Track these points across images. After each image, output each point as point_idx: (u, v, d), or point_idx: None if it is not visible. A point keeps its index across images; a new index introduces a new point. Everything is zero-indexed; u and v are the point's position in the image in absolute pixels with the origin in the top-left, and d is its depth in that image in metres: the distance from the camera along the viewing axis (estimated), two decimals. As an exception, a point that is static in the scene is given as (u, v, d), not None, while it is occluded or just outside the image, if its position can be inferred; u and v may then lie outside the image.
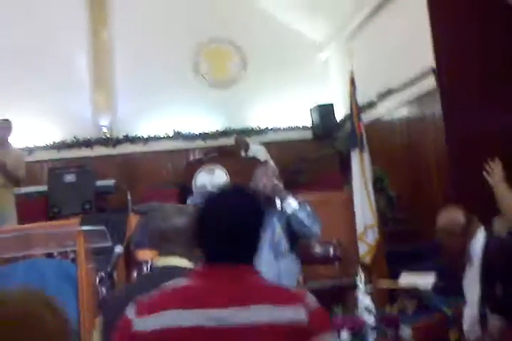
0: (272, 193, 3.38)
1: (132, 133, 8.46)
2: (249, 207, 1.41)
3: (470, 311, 2.75)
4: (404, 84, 6.18)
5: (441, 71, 5.37)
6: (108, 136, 8.39)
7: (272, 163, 7.94)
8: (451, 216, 2.81)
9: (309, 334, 1.24)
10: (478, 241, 2.64)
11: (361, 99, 7.07)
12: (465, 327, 2.80)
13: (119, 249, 2.96)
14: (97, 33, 8.52)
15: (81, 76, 8.35)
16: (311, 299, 1.33)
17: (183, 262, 1.82)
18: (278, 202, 3.45)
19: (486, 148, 4.91)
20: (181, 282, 1.36)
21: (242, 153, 7.85)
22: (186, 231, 1.78)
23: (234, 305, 1.25)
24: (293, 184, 7.81)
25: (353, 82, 5.35)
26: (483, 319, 2.57)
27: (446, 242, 2.85)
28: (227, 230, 1.35)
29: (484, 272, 2.44)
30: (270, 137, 8.56)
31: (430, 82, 5.57)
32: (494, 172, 2.46)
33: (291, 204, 3.38)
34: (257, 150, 7.92)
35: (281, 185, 3.44)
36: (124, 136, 8.40)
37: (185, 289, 1.33)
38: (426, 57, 5.53)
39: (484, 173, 2.50)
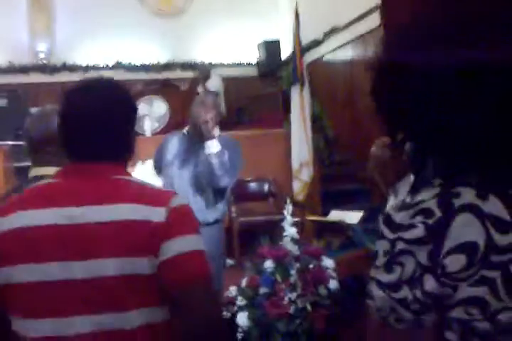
0: (205, 132, 3.12)
1: (71, 61, 8.11)
2: (112, 98, 1.31)
3: None
4: (349, 23, 6.08)
5: (386, 9, 5.28)
6: (45, 62, 8.01)
7: (222, 98, 7.85)
8: (385, 144, 2.80)
9: (165, 234, 1.19)
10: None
11: (307, 38, 6.96)
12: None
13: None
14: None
15: (17, -2, 7.87)
16: (178, 201, 1.25)
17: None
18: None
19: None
20: (41, 183, 1.32)
21: (200, 85, 7.71)
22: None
23: (88, 203, 1.21)
24: (236, 121, 7.80)
25: (297, 17, 5.21)
26: None
27: (378, 172, 2.84)
28: (87, 123, 1.27)
29: None
30: (215, 72, 8.36)
31: (374, 21, 5.49)
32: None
33: (211, 147, 3.11)
34: (216, 82, 7.80)
35: (213, 124, 3.14)
36: (63, 64, 8.05)
37: (43, 189, 1.30)
38: (372, -6, 5.43)
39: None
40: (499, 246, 0.72)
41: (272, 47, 8.21)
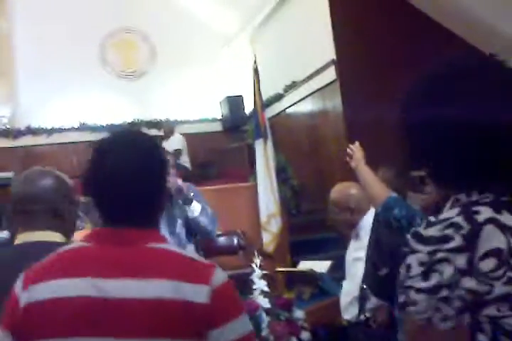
0: (176, 195, 3.14)
1: (35, 125, 8.13)
2: (151, 156, 1.23)
3: (348, 288, 2.81)
4: (307, 77, 6.30)
5: (341, 63, 5.52)
6: (8, 127, 8.02)
7: (185, 154, 7.93)
8: (342, 189, 2.86)
9: (211, 319, 1.11)
10: (370, 216, 2.62)
11: (269, 92, 7.18)
12: (341, 304, 2.86)
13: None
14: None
15: (-21, 65, 7.96)
16: (221, 278, 1.16)
17: (51, 236, 1.56)
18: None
19: (384, 138, 5.11)
20: (71, 247, 1.23)
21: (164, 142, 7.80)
22: (52, 195, 1.59)
23: (124, 275, 1.12)
24: (202, 176, 7.85)
25: (256, 73, 5.39)
26: (362, 298, 2.60)
27: (335, 216, 2.90)
28: (126, 183, 1.18)
29: (371, 250, 2.44)
30: (180, 129, 8.47)
31: (331, 74, 5.71)
32: (355, 155, 2.38)
33: (194, 210, 3.16)
34: (179, 140, 7.89)
35: (184, 187, 3.17)
36: (26, 128, 8.06)
37: (74, 255, 1.20)
38: (327, 49, 5.67)
39: (347, 158, 2.42)
40: None
41: (235, 103, 8.40)
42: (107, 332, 1.11)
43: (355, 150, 2.37)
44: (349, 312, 2.76)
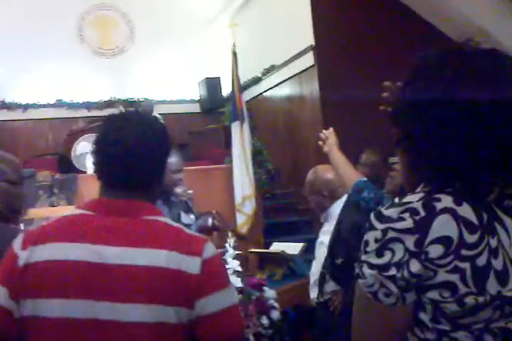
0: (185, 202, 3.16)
1: (10, 99, 8.02)
2: (152, 132, 1.30)
3: (314, 269, 2.90)
4: (286, 61, 6.34)
5: (319, 48, 5.58)
6: (-17, 101, 7.90)
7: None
8: (319, 173, 2.93)
9: (201, 288, 1.18)
10: (340, 203, 2.67)
11: (248, 75, 7.20)
12: (310, 283, 2.96)
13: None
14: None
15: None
16: (211, 251, 1.23)
17: None
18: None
19: (359, 124, 5.21)
20: (73, 214, 1.29)
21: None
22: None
23: (123, 244, 1.19)
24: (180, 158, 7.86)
25: (234, 56, 5.41)
26: (321, 282, 2.70)
27: (308, 196, 2.97)
28: (126, 155, 1.25)
29: (334, 236, 2.53)
30: (157, 109, 8.44)
31: (309, 60, 5.76)
32: (328, 140, 2.39)
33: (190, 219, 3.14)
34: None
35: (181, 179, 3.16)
36: (1, 102, 7.94)
37: (76, 221, 1.26)
38: (306, 34, 5.72)
39: (319, 142, 2.48)
40: (468, 243, 0.90)
41: (213, 84, 8.40)
42: (103, 296, 1.17)
43: (329, 135, 2.43)
44: (313, 292, 2.86)
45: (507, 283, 0.92)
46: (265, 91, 7.15)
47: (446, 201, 0.92)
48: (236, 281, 3.29)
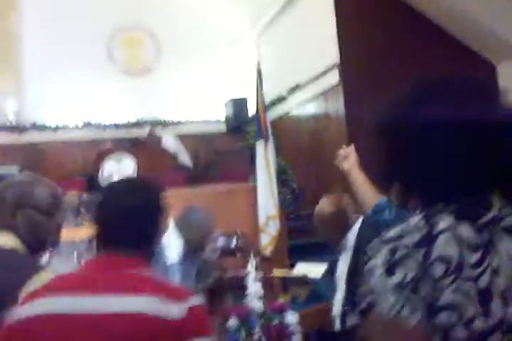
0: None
1: (41, 121, 8.17)
2: (150, 200, 1.42)
3: (337, 299, 2.80)
4: (311, 80, 6.31)
5: (344, 67, 5.54)
6: (14, 122, 8.06)
7: (185, 155, 7.93)
8: (325, 203, 2.86)
9: (181, 333, 1.19)
10: (354, 232, 2.62)
11: (273, 94, 7.19)
12: (333, 311, 2.87)
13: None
14: (5, 16, 8.16)
15: (-14, 60, 8.00)
16: (197, 300, 1.28)
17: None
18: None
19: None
20: (71, 271, 1.39)
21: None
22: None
23: (105, 292, 1.23)
24: (204, 177, 7.87)
25: (259, 74, 5.39)
26: (343, 312, 2.61)
27: (319, 229, 2.90)
28: (116, 218, 1.37)
29: (352, 265, 2.45)
30: (184, 130, 8.49)
31: (334, 78, 5.72)
32: (349, 158, 2.34)
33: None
34: (169, 143, 7.88)
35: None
36: (32, 124, 8.10)
37: (64, 278, 1.33)
38: (331, 52, 5.69)
39: (336, 161, 2.40)
40: (470, 263, 0.88)
41: (239, 105, 8.42)
42: None
43: (350, 153, 2.35)
44: (335, 323, 2.78)
45: (510, 303, 0.89)
46: (291, 110, 7.12)
47: (446, 221, 0.91)
48: (257, 305, 3.23)
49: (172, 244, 3.07)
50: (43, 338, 1.20)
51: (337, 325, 2.79)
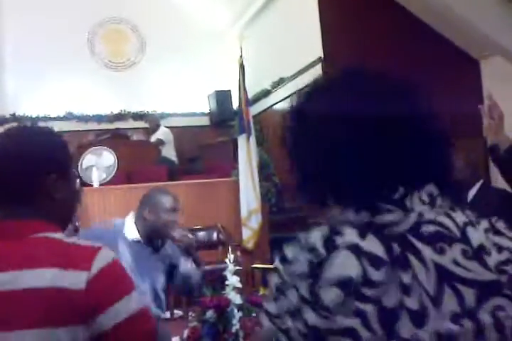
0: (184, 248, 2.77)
1: (21, 112, 8.07)
2: (18, 147, 1.24)
3: None
4: (294, 74, 6.30)
5: (328, 61, 5.54)
6: (-7, 113, 7.97)
7: (171, 147, 7.91)
8: None
9: (89, 303, 1.10)
10: None
11: (257, 87, 7.17)
12: None
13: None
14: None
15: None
16: (101, 263, 1.15)
17: None
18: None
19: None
20: None
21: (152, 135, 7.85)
22: None
23: (7, 268, 1.12)
24: (188, 170, 7.84)
25: (242, 68, 5.38)
26: None
27: None
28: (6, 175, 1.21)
29: None
30: (167, 122, 8.44)
31: (318, 72, 5.72)
32: None
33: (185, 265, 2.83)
34: (164, 132, 7.87)
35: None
36: (11, 115, 8.00)
37: None
38: (315, 47, 5.68)
39: None
40: (373, 280, 0.77)
41: (223, 97, 8.38)
42: None
43: None
44: None
45: (424, 323, 0.78)
46: (274, 104, 7.11)
47: (348, 235, 0.80)
48: (235, 298, 3.21)
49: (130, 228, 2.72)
50: None
51: None
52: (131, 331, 1.15)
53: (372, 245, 0.79)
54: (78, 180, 1.38)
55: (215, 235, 5.51)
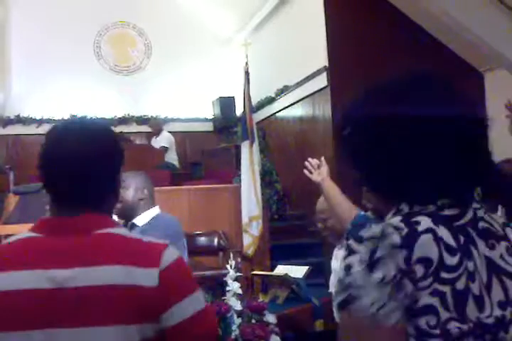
0: None
1: (25, 114, 8.10)
2: (101, 140, 1.22)
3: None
4: (299, 82, 6.32)
5: (333, 70, 5.56)
6: (-2, 114, 8.00)
7: (173, 151, 7.92)
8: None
9: (162, 301, 1.12)
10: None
11: (262, 95, 7.20)
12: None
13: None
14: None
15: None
16: (169, 258, 1.16)
17: None
18: None
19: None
20: (19, 238, 1.19)
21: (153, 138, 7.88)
22: None
23: (75, 265, 1.12)
24: (189, 175, 7.85)
25: (247, 75, 5.39)
26: None
27: (322, 224, 2.86)
28: (76, 167, 1.17)
29: None
30: (171, 127, 8.46)
31: (323, 81, 5.74)
32: (321, 169, 2.29)
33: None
34: (166, 137, 7.89)
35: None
36: (16, 116, 8.02)
37: (22, 247, 1.17)
38: (320, 55, 5.71)
39: (305, 171, 2.36)
40: (448, 266, 0.87)
41: (227, 103, 8.41)
42: (62, 323, 1.10)
43: (321, 164, 2.33)
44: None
45: (484, 308, 0.88)
46: (278, 111, 7.13)
47: (425, 222, 0.90)
48: (235, 304, 3.22)
49: None
50: (13, 314, 1.11)
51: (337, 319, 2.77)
52: (199, 326, 1.16)
53: (445, 234, 0.89)
54: None
55: (215, 241, 5.51)
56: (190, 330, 1.15)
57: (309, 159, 2.33)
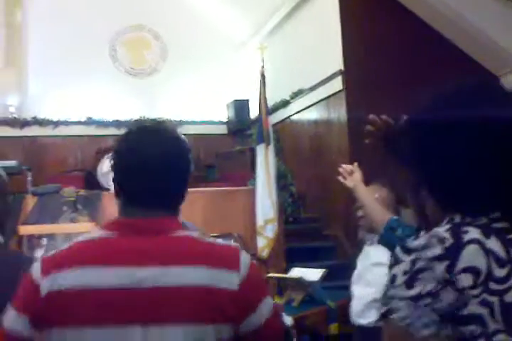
0: None
1: (42, 116, 8.17)
2: (177, 145, 1.24)
3: (364, 293, 2.80)
4: (314, 85, 6.34)
5: (348, 73, 5.57)
6: (15, 116, 8.06)
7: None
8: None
9: (243, 304, 1.14)
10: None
11: (276, 98, 7.22)
12: (354, 308, 2.88)
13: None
14: (12, 13, 8.18)
15: (-10, 54, 8.01)
16: (246, 263, 1.18)
17: None
18: None
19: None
20: (91, 237, 1.20)
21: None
22: None
23: (155, 264, 1.13)
24: (204, 178, 7.88)
25: (263, 78, 5.41)
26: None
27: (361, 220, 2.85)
28: (151, 171, 1.19)
29: None
30: (185, 130, 8.49)
31: (338, 84, 5.75)
32: (354, 175, 2.27)
33: None
34: None
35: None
36: (33, 118, 8.10)
37: (100, 244, 1.18)
38: (335, 59, 5.72)
39: (339, 177, 2.38)
40: (497, 277, 0.87)
41: (241, 106, 8.43)
42: (139, 321, 1.11)
43: (354, 170, 2.34)
44: (366, 317, 2.77)
45: None
46: (293, 114, 7.14)
47: (473, 232, 0.90)
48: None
49: None
50: (91, 309, 1.12)
51: (361, 321, 2.80)
52: (273, 328, 1.20)
53: (495, 245, 0.89)
54: None
55: (231, 243, 5.53)
56: (263, 332, 1.18)
57: (343, 165, 2.34)
